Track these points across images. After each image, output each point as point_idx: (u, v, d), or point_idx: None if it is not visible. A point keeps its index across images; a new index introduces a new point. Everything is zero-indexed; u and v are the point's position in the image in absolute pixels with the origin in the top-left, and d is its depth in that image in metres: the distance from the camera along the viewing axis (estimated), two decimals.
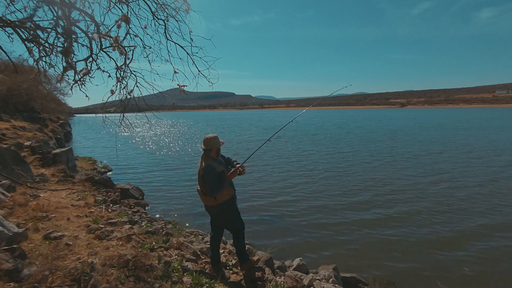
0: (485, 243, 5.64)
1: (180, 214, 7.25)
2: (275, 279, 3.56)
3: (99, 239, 3.80)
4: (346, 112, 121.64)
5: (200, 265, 3.69)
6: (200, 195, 3.47)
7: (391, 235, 6.07)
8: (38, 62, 3.59)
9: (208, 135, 3.43)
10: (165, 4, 3.78)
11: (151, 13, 3.82)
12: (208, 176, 3.24)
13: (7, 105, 16.64)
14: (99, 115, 4.47)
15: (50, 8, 3.33)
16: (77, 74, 3.77)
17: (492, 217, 6.79)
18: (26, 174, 6.31)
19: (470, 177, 10.41)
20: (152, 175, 12.00)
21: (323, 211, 7.44)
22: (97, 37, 3.65)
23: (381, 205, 7.77)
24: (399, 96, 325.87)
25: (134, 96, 4.12)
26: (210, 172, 3.25)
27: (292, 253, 5.19)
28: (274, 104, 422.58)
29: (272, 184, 10.17)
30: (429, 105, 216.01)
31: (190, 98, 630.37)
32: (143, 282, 2.78)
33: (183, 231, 5.36)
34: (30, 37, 3.37)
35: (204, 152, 3.43)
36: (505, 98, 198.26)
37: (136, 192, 8.28)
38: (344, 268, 4.65)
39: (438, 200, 8.08)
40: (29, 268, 2.65)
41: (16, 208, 4.31)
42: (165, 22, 3.89)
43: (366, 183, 9.94)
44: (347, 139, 23.24)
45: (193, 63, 3.98)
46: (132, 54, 3.86)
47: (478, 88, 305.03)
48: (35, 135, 12.46)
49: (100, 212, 5.18)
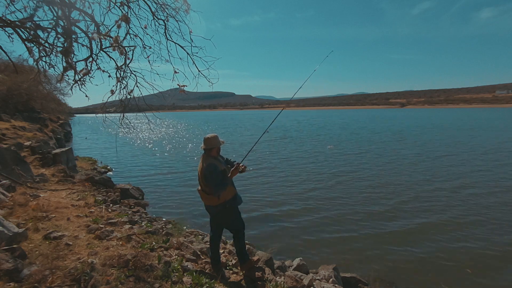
0: (487, 243, 5.64)
1: (180, 214, 7.25)
2: (275, 279, 3.56)
3: (99, 239, 3.80)
4: (346, 112, 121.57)
5: (200, 265, 3.69)
6: (201, 195, 3.45)
7: (391, 235, 6.08)
8: (38, 62, 3.58)
9: (208, 134, 3.45)
10: (165, 4, 3.77)
11: (151, 13, 3.81)
12: (211, 174, 3.23)
13: (7, 105, 16.65)
14: (99, 115, 4.47)
15: (50, 8, 3.33)
16: (77, 74, 3.76)
17: (493, 217, 6.79)
18: (26, 174, 6.31)
19: (472, 177, 10.42)
20: (152, 175, 12.00)
21: (323, 211, 7.44)
22: (97, 37, 3.64)
23: (381, 205, 7.77)
24: (399, 96, 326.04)
25: (134, 96, 4.11)
26: (213, 170, 3.25)
27: (292, 253, 5.19)
28: (274, 104, 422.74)
29: (272, 184, 10.18)
30: (429, 105, 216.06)
31: (190, 98, 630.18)
32: (143, 282, 2.78)
33: (183, 231, 5.36)
34: (30, 37, 3.36)
35: (205, 151, 3.44)
36: (505, 98, 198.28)
37: (136, 192, 8.28)
38: (344, 268, 4.66)
39: (438, 199, 8.08)
40: (29, 268, 2.65)
41: (16, 208, 4.31)
42: (165, 22, 3.89)
43: (366, 183, 9.95)
44: (350, 140, 23.17)
45: (193, 63, 3.98)
46: (132, 54, 3.85)
47: (478, 88, 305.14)
48: (35, 135, 12.47)
49: (100, 212, 5.18)
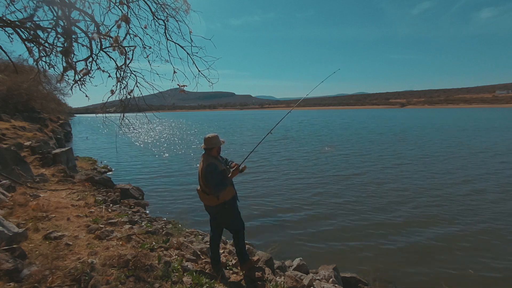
0: (489, 244, 5.63)
1: (180, 214, 7.24)
2: (275, 279, 3.56)
3: (99, 239, 3.79)
4: (346, 112, 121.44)
5: (200, 265, 3.69)
6: (201, 194, 3.44)
7: (392, 235, 6.07)
8: (38, 62, 3.58)
9: (208, 134, 3.45)
10: (165, 4, 3.78)
11: (151, 13, 3.82)
12: (212, 174, 3.23)
13: (7, 105, 16.65)
14: (99, 115, 4.47)
15: (50, 8, 3.33)
16: (77, 74, 3.76)
17: (494, 218, 6.79)
18: (26, 174, 6.31)
19: (470, 174, 10.43)
20: (152, 175, 12.00)
21: (323, 212, 7.44)
22: (97, 37, 3.64)
23: (381, 205, 7.76)
24: (399, 96, 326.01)
25: (134, 96, 4.12)
26: (213, 170, 3.24)
27: (292, 253, 5.19)
28: (274, 104, 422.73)
29: (273, 184, 10.18)
30: (429, 105, 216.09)
31: (190, 98, 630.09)
32: (143, 282, 2.78)
33: (183, 231, 5.36)
34: (30, 37, 3.36)
35: (205, 151, 3.44)
36: (505, 98, 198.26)
37: (136, 192, 8.28)
38: (344, 268, 4.65)
39: (438, 200, 8.08)
40: (29, 268, 2.65)
41: (16, 208, 4.31)
42: (165, 22, 3.89)
43: (366, 184, 9.95)
44: (352, 141, 23.13)
45: (193, 63, 3.98)
46: (132, 54, 3.86)
47: (478, 88, 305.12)
48: (35, 135, 12.47)
49: (100, 212, 5.18)
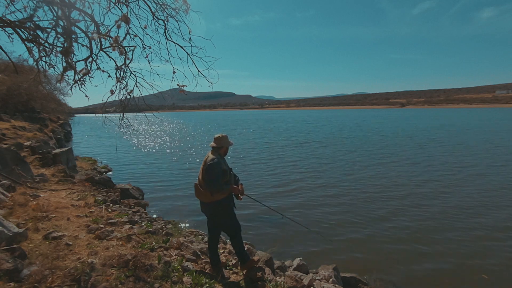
0: (492, 245, 5.61)
1: (180, 214, 7.24)
2: (275, 279, 3.56)
3: (99, 239, 3.79)
4: (346, 112, 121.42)
5: (200, 265, 3.69)
6: (196, 189, 3.42)
7: (392, 235, 6.07)
8: (38, 62, 3.57)
9: (219, 133, 3.49)
10: (165, 4, 3.77)
11: (151, 13, 3.81)
12: (213, 169, 3.23)
13: (7, 105, 16.66)
14: (99, 115, 4.48)
15: (50, 8, 3.32)
16: (77, 74, 3.76)
17: (495, 216, 6.79)
18: (26, 174, 6.31)
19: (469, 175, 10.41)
20: (152, 175, 11.99)
21: (323, 211, 7.44)
22: (97, 37, 3.64)
23: (381, 205, 7.76)
24: (399, 96, 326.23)
25: (134, 96, 4.11)
26: (215, 165, 3.25)
27: (292, 253, 5.19)
28: (274, 104, 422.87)
29: (273, 184, 10.17)
30: (429, 105, 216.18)
31: (190, 98, 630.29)
32: (143, 282, 2.77)
33: (183, 231, 5.36)
34: (30, 37, 3.36)
35: (213, 149, 3.46)
36: (505, 98, 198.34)
37: (136, 192, 8.28)
38: (344, 268, 4.65)
39: (439, 199, 8.08)
40: (29, 268, 2.65)
41: (16, 208, 4.30)
42: (165, 22, 3.89)
43: (367, 184, 9.95)
44: (353, 141, 23.16)
45: (193, 63, 3.98)
46: (132, 54, 3.85)
47: (478, 88, 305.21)
48: (35, 135, 12.47)
49: (100, 212, 5.18)
